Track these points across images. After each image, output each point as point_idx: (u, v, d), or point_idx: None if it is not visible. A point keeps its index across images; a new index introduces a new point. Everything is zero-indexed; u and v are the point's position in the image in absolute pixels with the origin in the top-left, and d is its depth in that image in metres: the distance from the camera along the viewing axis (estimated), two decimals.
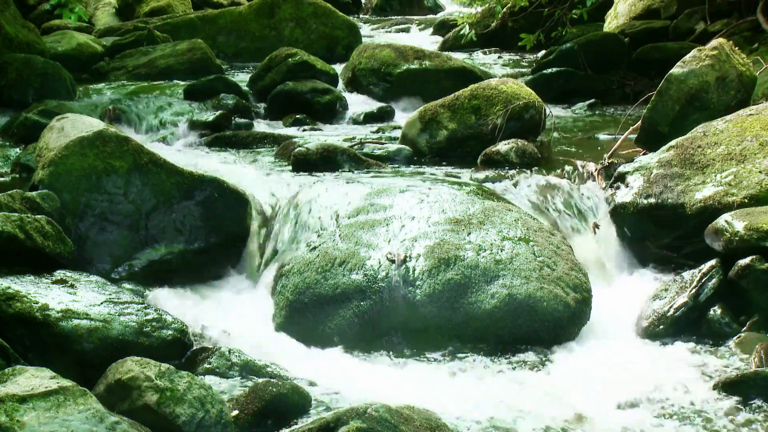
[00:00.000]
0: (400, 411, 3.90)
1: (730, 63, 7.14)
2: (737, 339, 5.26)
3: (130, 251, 5.84)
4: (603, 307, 5.60)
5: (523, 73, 10.89)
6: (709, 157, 6.30)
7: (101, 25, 14.78)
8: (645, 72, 10.16)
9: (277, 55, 9.97)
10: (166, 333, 4.83)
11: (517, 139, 7.37)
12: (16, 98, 8.94)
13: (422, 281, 5.40)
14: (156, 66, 10.81)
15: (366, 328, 5.34)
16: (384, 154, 7.59)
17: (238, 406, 4.22)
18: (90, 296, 4.93)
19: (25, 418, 3.50)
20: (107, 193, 5.85)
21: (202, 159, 7.66)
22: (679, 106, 7.05)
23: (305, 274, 5.55)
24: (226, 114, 8.84)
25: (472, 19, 12.68)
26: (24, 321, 4.61)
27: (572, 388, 4.74)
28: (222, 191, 6.08)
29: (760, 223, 5.42)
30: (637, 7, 12.14)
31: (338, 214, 5.94)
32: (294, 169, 7.17)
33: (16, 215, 5.17)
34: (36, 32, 10.54)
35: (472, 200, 6.01)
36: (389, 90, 10.00)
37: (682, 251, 6.16)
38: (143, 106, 9.08)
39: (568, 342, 5.35)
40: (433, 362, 5.14)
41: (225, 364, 4.77)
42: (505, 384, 4.83)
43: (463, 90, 7.87)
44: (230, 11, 13.16)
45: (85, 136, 5.91)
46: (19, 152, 7.62)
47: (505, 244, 5.59)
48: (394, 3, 19.58)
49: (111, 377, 4.02)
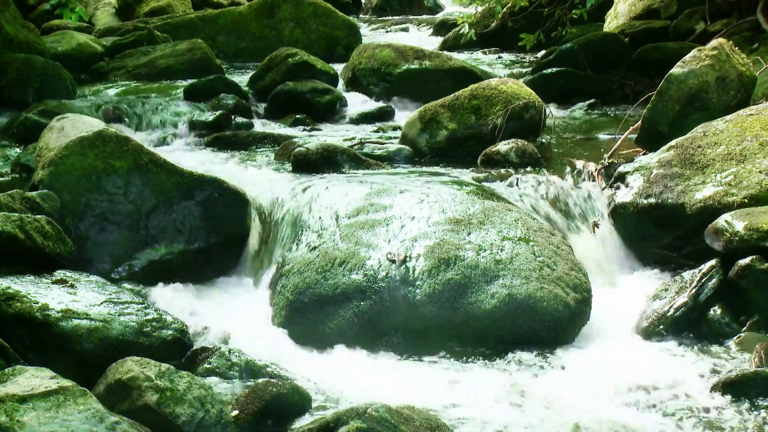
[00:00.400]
0: (400, 411, 3.90)
1: (730, 63, 7.14)
2: (737, 339, 5.26)
3: (130, 251, 5.84)
4: (603, 307, 5.59)
5: (523, 73, 10.89)
6: (709, 157, 6.30)
7: (101, 25, 14.78)
8: (645, 72, 10.15)
9: (277, 55, 9.98)
10: (166, 333, 4.83)
11: (517, 139, 7.37)
12: (16, 98, 8.94)
13: (422, 281, 5.40)
14: (156, 66, 10.81)
15: (366, 328, 5.34)
16: (384, 154, 7.59)
17: (238, 406, 4.22)
18: (90, 296, 4.93)
19: (25, 418, 3.50)
20: (107, 193, 5.85)
21: (202, 159, 7.67)
22: (679, 106, 7.05)
23: (305, 274, 5.55)
24: (226, 114, 8.84)
25: (472, 19, 12.68)
26: (24, 321, 4.61)
27: (572, 388, 4.74)
28: (222, 191, 6.08)
29: (760, 223, 5.42)
30: (637, 7, 12.14)
31: (338, 214, 5.94)
32: (294, 169, 7.17)
33: (16, 215, 5.17)
34: (36, 32, 10.54)
35: (472, 200, 6.01)
36: (389, 90, 10.00)
37: (682, 251, 6.16)
38: (143, 106, 9.07)
39: (568, 342, 5.35)
40: (433, 362, 5.14)
41: (225, 364, 4.77)
42: (504, 384, 4.83)
43: (463, 90, 7.87)
44: (230, 11, 13.16)
45: (85, 136, 5.91)
46: (19, 152, 7.63)
47: (505, 244, 5.59)
48: (394, 3, 19.57)
49: (111, 377, 4.03)
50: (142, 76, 10.63)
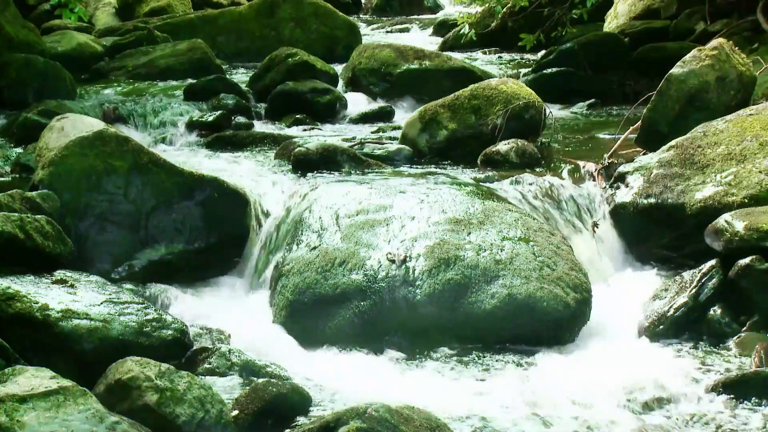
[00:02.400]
0: (400, 411, 3.90)
1: (730, 63, 7.14)
2: (737, 339, 5.26)
3: (130, 251, 5.85)
4: (603, 307, 5.59)
5: (524, 73, 10.88)
6: (709, 157, 6.30)
7: (101, 25, 14.77)
8: (645, 72, 10.14)
9: (277, 55, 9.98)
10: (166, 333, 4.83)
11: (517, 139, 7.37)
12: (16, 98, 8.93)
13: (422, 281, 5.40)
14: (156, 66, 10.81)
15: (366, 328, 5.34)
16: (384, 154, 7.59)
17: (238, 406, 4.22)
18: (90, 296, 4.93)
19: (25, 418, 3.50)
20: (107, 193, 5.85)
21: (202, 159, 7.67)
22: (679, 106, 7.05)
23: (305, 274, 5.55)
24: (226, 114, 8.84)
25: (472, 19, 12.67)
26: (24, 321, 4.61)
27: (572, 388, 4.73)
28: (222, 191, 6.08)
29: (760, 223, 5.42)
30: (637, 7, 12.14)
31: (338, 214, 5.94)
32: (294, 169, 7.17)
33: (16, 215, 5.17)
34: (36, 32, 10.54)
35: (472, 200, 6.01)
36: (389, 90, 10.00)
37: (682, 251, 6.16)
38: (143, 106, 9.08)
39: (568, 342, 5.35)
40: (433, 362, 5.14)
41: (225, 364, 4.77)
42: (504, 384, 4.82)
43: (463, 90, 7.87)
44: (230, 11, 13.16)
45: (85, 136, 5.91)
46: (19, 152, 7.62)
47: (505, 244, 5.59)
48: (394, 3, 19.56)
49: (111, 377, 4.03)
50: (142, 76, 10.62)
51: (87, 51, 11.24)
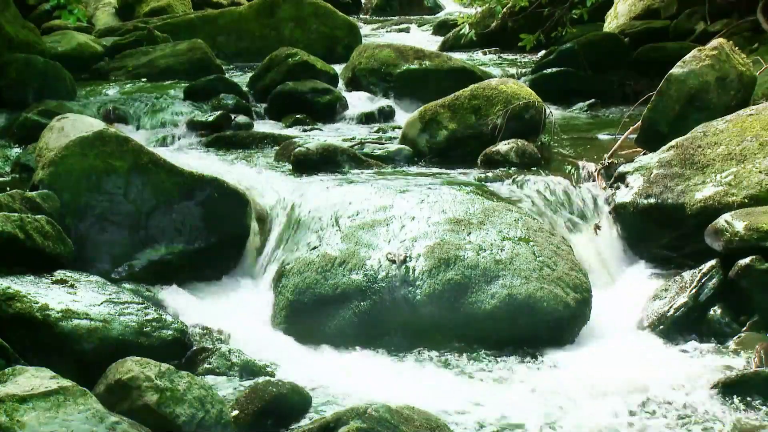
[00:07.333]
0: (400, 411, 3.90)
1: (730, 63, 7.14)
2: (737, 339, 5.26)
3: (130, 251, 5.84)
4: (603, 307, 5.60)
5: (523, 73, 10.89)
6: (709, 157, 6.30)
7: (101, 25, 14.77)
8: (645, 72, 10.14)
9: (277, 55, 9.97)
10: (166, 333, 4.84)
11: (517, 139, 7.37)
12: (16, 98, 8.92)
13: (422, 281, 5.40)
14: (156, 66, 10.80)
15: (366, 328, 5.34)
16: (384, 154, 7.58)
17: (238, 406, 4.22)
18: (90, 296, 4.93)
19: (25, 418, 3.50)
20: (107, 193, 5.85)
21: (202, 159, 7.66)
22: (679, 106, 7.05)
23: (305, 274, 5.55)
24: (226, 114, 8.83)
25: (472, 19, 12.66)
26: (24, 321, 4.61)
27: (572, 388, 4.74)
28: (222, 191, 6.08)
29: (760, 223, 5.42)
30: (637, 7, 12.14)
31: (338, 214, 5.94)
32: (294, 169, 7.17)
33: (16, 215, 5.17)
34: (36, 32, 10.53)
35: (472, 200, 6.01)
36: (389, 90, 9.99)
37: (682, 251, 6.15)
38: (143, 106, 9.08)
39: (568, 342, 5.35)
40: (433, 362, 5.14)
41: (225, 364, 4.77)
42: (504, 384, 4.83)
43: (463, 90, 7.86)
44: (230, 11, 13.15)
45: (85, 136, 5.91)
46: (19, 152, 7.63)
47: (505, 244, 5.59)
48: (394, 3, 19.58)
49: (111, 377, 4.03)
50: (142, 76, 10.61)
51: (87, 51, 11.24)
